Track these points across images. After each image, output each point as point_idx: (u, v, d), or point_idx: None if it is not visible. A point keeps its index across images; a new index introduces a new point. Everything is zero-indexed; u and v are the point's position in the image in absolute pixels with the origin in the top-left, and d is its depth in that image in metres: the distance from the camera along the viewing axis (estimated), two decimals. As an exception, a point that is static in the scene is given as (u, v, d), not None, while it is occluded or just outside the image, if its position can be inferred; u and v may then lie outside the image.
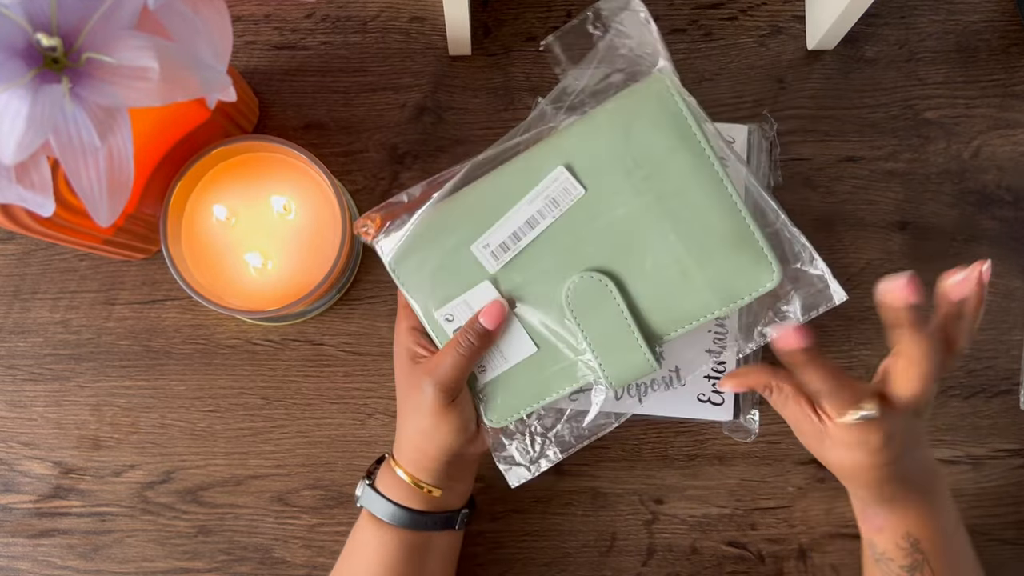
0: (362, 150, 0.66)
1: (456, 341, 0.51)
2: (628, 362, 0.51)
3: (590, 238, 0.51)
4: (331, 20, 0.67)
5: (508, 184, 0.53)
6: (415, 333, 0.54)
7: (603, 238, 0.51)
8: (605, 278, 0.51)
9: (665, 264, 0.51)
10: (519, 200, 0.52)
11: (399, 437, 0.55)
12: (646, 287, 0.51)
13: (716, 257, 0.50)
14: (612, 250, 0.51)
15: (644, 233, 0.51)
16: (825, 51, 0.67)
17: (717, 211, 0.50)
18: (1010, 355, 0.65)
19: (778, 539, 0.63)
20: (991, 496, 0.63)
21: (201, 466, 0.63)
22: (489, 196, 0.53)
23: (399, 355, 0.54)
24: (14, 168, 0.40)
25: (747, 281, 0.50)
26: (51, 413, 0.63)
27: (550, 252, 0.52)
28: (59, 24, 0.38)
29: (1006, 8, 0.68)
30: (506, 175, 0.53)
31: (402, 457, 0.54)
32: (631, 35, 0.55)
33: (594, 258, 0.51)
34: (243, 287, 0.60)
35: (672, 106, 0.51)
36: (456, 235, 0.53)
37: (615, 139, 0.51)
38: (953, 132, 0.67)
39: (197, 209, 0.60)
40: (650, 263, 0.51)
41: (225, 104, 0.58)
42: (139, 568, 0.62)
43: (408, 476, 0.53)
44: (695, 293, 0.51)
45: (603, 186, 0.51)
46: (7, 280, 0.64)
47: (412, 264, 0.54)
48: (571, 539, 0.63)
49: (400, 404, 0.54)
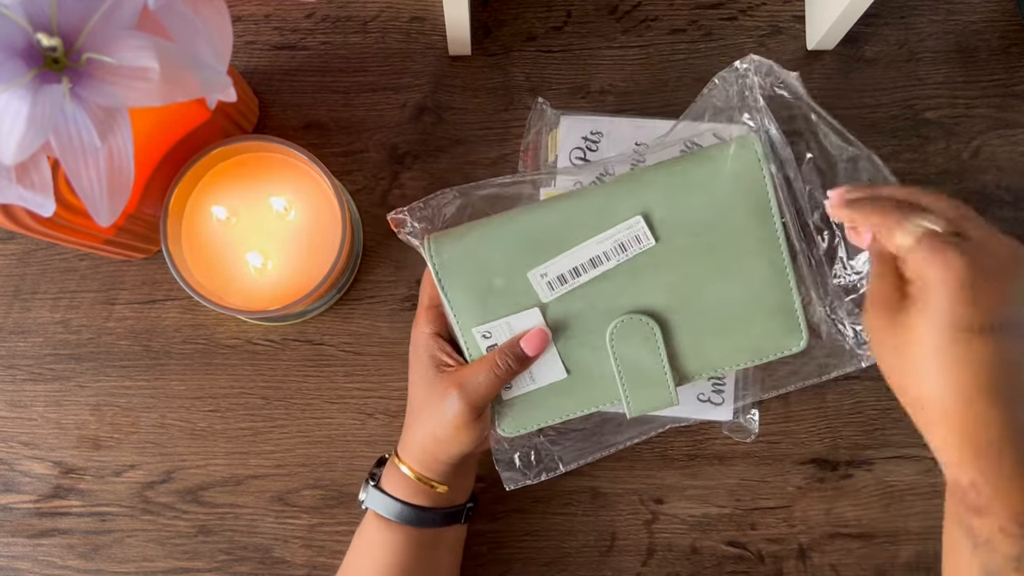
0: (362, 150, 0.66)
1: (494, 362, 0.51)
2: (653, 397, 0.54)
3: (647, 284, 0.53)
4: (331, 20, 0.67)
5: (581, 218, 0.53)
6: (439, 340, 0.53)
7: (659, 287, 0.53)
8: (652, 322, 0.53)
9: (710, 320, 0.53)
10: (588, 238, 0.52)
11: (408, 438, 0.54)
12: (687, 336, 0.53)
13: (757, 321, 0.53)
14: (665, 298, 0.53)
15: (699, 289, 0.53)
16: (825, 51, 0.67)
17: (772, 285, 0.53)
18: (1010, 355, 0.65)
19: (778, 539, 0.63)
20: (991, 496, 0.63)
21: (201, 466, 0.63)
22: (558, 225, 0.53)
23: (420, 360, 0.53)
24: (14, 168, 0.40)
25: (777, 343, 0.54)
26: (51, 413, 0.63)
27: (605, 291, 0.53)
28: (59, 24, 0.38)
29: (1006, 8, 0.68)
30: (581, 209, 0.53)
31: (409, 456, 0.54)
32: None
33: (645, 301, 0.53)
34: (243, 287, 0.60)
35: (758, 176, 0.52)
36: (516, 258, 0.53)
37: (698, 200, 0.52)
38: (953, 132, 0.67)
39: (197, 209, 0.60)
40: (696, 316, 0.53)
41: (225, 104, 0.58)
42: (139, 568, 0.62)
43: (414, 474, 0.53)
44: (730, 348, 0.54)
45: (674, 241, 0.52)
46: (7, 280, 0.64)
47: (462, 276, 0.53)
48: (571, 539, 0.63)
49: (416, 408, 0.53)
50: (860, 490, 0.63)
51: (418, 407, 0.53)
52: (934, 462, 0.63)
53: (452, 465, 0.53)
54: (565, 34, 0.67)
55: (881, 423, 0.64)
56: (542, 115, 0.64)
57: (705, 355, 0.54)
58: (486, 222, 0.54)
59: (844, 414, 0.64)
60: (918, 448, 0.64)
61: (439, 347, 0.53)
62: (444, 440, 0.52)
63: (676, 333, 0.53)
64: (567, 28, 0.68)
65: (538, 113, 0.64)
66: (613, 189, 0.53)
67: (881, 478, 0.63)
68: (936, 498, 0.63)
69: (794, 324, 0.53)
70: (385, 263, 0.65)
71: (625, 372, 0.53)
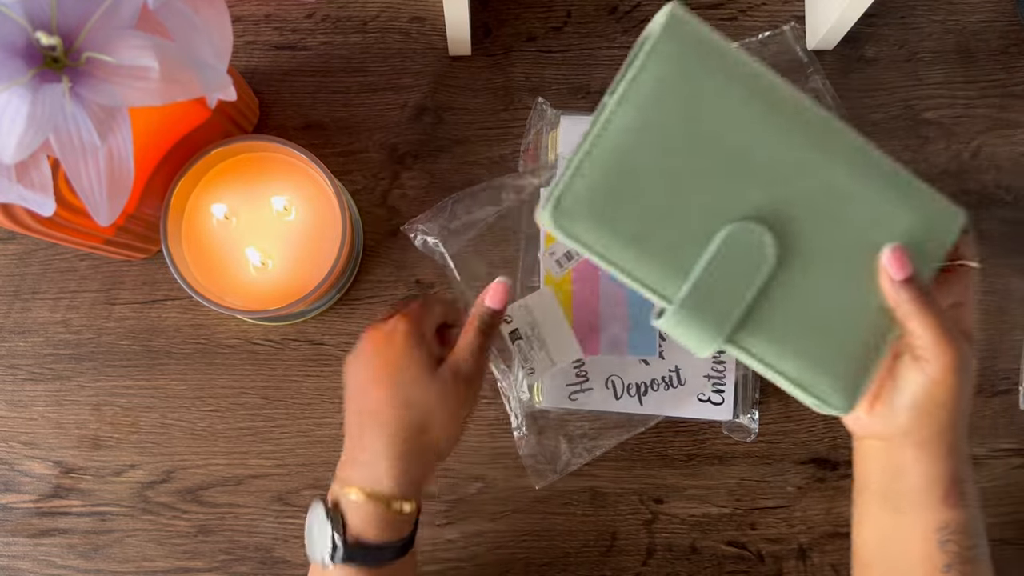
0: (362, 150, 0.66)
1: (471, 325, 0.50)
2: (697, 331, 0.45)
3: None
4: (331, 20, 0.67)
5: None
6: (424, 337, 0.50)
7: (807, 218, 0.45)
8: (771, 247, 0.45)
9: (814, 307, 0.45)
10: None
11: (367, 454, 0.48)
12: (786, 303, 0.45)
13: (832, 352, 0.46)
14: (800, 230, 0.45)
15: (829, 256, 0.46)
16: (825, 51, 0.67)
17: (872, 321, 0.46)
18: (1010, 355, 0.65)
19: (778, 539, 0.63)
20: (991, 496, 0.63)
21: (201, 466, 0.63)
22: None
23: (416, 362, 0.49)
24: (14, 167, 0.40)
25: (821, 391, 0.46)
26: (51, 413, 0.63)
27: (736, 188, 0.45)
28: (59, 23, 0.38)
29: (1006, 8, 0.68)
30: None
31: (370, 474, 0.48)
32: None
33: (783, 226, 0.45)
34: (243, 287, 0.60)
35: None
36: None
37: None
38: (953, 132, 0.67)
39: (197, 209, 0.60)
40: (807, 284, 0.45)
41: (225, 104, 0.58)
42: (139, 568, 0.62)
43: (381, 496, 0.47)
44: (799, 350, 0.46)
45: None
46: (7, 280, 0.64)
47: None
48: (571, 539, 0.63)
49: (420, 420, 0.48)
50: (860, 490, 0.63)
51: (426, 416, 0.48)
52: (934, 462, 0.63)
53: (434, 466, 0.50)
54: (565, 34, 0.67)
55: (881, 423, 0.64)
56: (542, 115, 0.64)
57: (778, 336, 0.45)
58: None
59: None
60: (918, 448, 0.64)
61: (430, 342, 0.50)
62: (452, 435, 0.50)
63: (779, 288, 0.45)
64: (567, 28, 0.68)
65: (538, 113, 0.64)
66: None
67: (881, 478, 0.63)
68: (936, 498, 0.63)
69: (851, 384, 0.45)
70: (385, 263, 0.65)
71: (704, 278, 0.44)
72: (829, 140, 0.45)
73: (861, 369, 0.46)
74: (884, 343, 0.46)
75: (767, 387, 0.63)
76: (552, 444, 0.62)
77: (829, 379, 0.45)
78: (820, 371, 0.45)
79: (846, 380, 0.46)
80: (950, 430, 0.46)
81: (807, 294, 0.45)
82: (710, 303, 0.44)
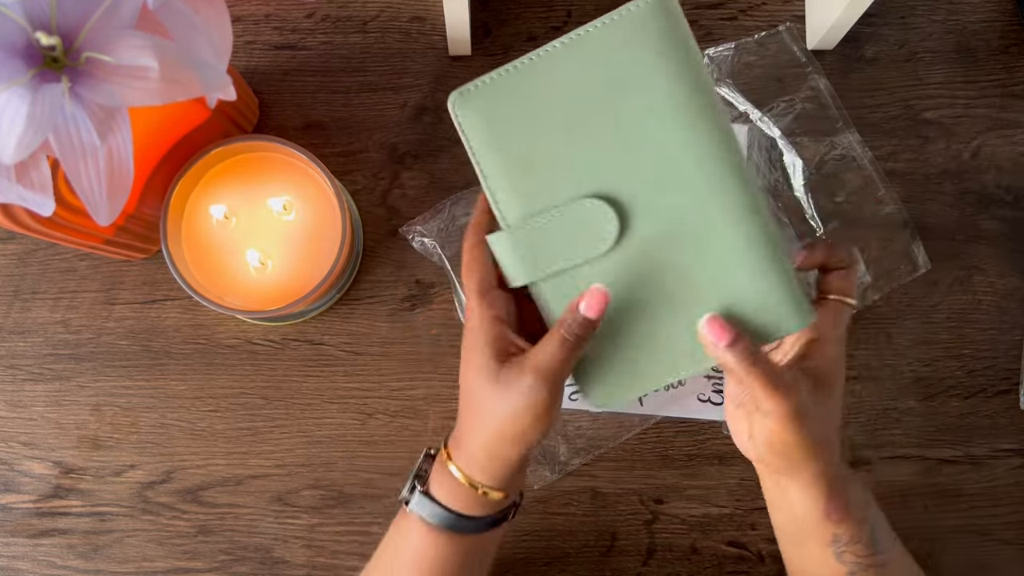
0: (362, 150, 0.66)
1: (561, 336, 0.46)
2: (513, 261, 0.48)
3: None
4: (331, 20, 0.67)
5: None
6: (501, 325, 0.47)
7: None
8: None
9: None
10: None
11: (466, 441, 0.49)
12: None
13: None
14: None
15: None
16: (825, 51, 0.67)
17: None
18: (1010, 355, 0.65)
19: (778, 539, 0.63)
20: (991, 496, 0.63)
21: (201, 466, 0.63)
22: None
23: (479, 350, 0.47)
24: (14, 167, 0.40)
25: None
26: (51, 413, 0.63)
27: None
28: (59, 23, 0.38)
29: (1006, 8, 0.68)
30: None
31: (466, 460, 0.49)
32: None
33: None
34: (243, 287, 0.60)
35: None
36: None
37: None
38: (953, 132, 0.67)
39: (197, 209, 0.60)
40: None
41: (225, 104, 0.58)
42: (139, 568, 0.62)
43: (468, 480, 0.48)
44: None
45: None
46: (7, 280, 0.64)
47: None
48: (571, 539, 0.63)
49: (477, 407, 0.48)
50: (860, 490, 0.63)
51: (480, 405, 0.48)
52: (934, 462, 0.63)
53: (517, 465, 0.48)
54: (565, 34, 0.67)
55: (881, 423, 0.64)
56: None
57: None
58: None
59: (844, 414, 0.64)
60: (918, 448, 0.64)
61: (502, 333, 0.47)
62: (516, 437, 0.47)
63: (600, 275, 0.47)
64: (567, 28, 0.67)
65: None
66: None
67: (881, 478, 0.63)
68: (936, 498, 0.63)
69: (618, 391, 0.48)
70: (385, 263, 0.65)
71: (541, 222, 0.47)
72: (730, 183, 0.45)
73: (633, 385, 0.48)
74: (675, 370, 0.47)
75: (767, 387, 0.63)
76: (551, 444, 0.62)
77: (598, 382, 0.48)
78: (589, 365, 0.48)
79: (614, 386, 0.48)
80: (810, 461, 0.47)
81: (618, 293, 0.47)
82: (531, 246, 0.47)
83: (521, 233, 0.47)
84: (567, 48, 0.47)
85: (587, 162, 0.46)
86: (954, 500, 0.63)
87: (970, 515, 0.63)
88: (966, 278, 0.65)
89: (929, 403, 0.64)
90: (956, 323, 0.65)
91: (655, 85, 0.45)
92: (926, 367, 0.64)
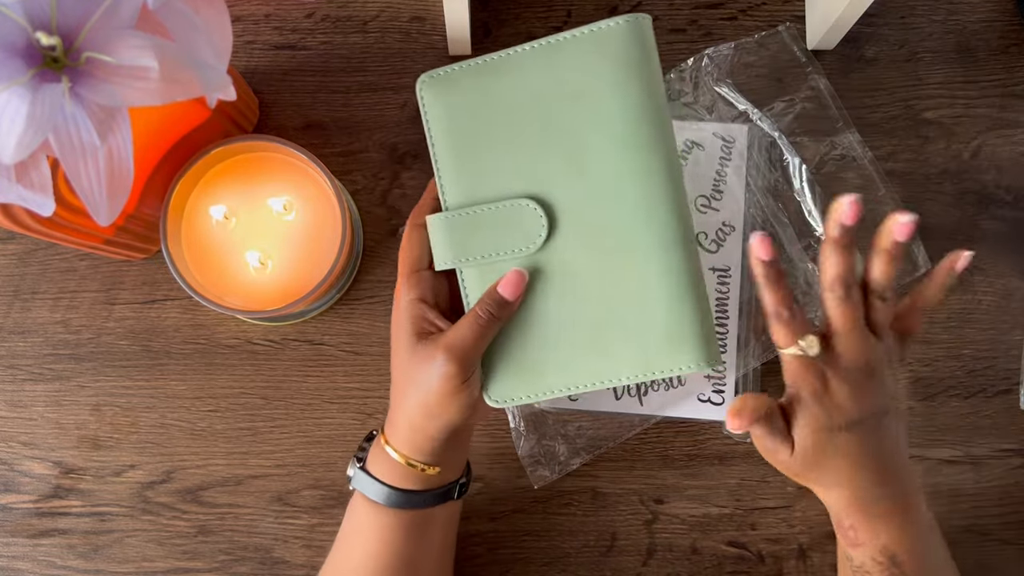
0: (362, 150, 0.66)
1: (475, 313, 0.48)
2: (443, 243, 0.50)
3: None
4: (331, 20, 0.67)
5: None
6: (423, 305, 0.50)
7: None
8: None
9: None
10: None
11: (394, 416, 0.52)
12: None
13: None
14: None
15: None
16: (825, 51, 0.67)
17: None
18: (1010, 355, 0.65)
19: (778, 539, 0.63)
20: (991, 496, 0.63)
21: (201, 466, 0.63)
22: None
23: (402, 328, 0.50)
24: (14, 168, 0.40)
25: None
26: (51, 413, 0.63)
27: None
28: (59, 23, 0.38)
29: (1006, 8, 0.68)
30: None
31: (396, 436, 0.51)
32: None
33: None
34: (243, 287, 0.60)
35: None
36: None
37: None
38: (953, 132, 0.67)
39: (197, 209, 0.60)
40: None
41: (225, 104, 0.58)
42: (139, 568, 0.62)
43: (402, 457, 0.51)
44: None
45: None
46: (7, 280, 0.64)
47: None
48: (571, 539, 0.63)
49: (400, 381, 0.51)
50: (860, 490, 0.63)
51: (401, 380, 0.50)
52: (934, 462, 0.63)
53: (443, 441, 0.50)
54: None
55: (881, 423, 0.64)
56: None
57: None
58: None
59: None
60: (918, 448, 0.64)
61: (422, 313, 0.50)
62: (433, 412, 0.49)
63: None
64: (567, 28, 0.67)
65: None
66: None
67: (881, 478, 0.63)
68: (936, 498, 0.63)
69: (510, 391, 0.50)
70: (385, 263, 0.65)
71: (477, 212, 0.49)
72: (662, 212, 0.47)
73: (534, 388, 0.49)
74: (577, 382, 0.49)
75: (767, 388, 0.63)
76: (551, 444, 0.62)
77: (501, 379, 0.50)
78: (496, 361, 0.50)
79: (515, 387, 0.49)
80: (831, 489, 0.50)
81: (535, 296, 0.49)
82: (464, 231, 0.49)
83: (457, 218, 0.49)
84: (537, 52, 0.48)
85: (532, 165, 0.48)
86: (954, 500, 0.63)
87: (970, 515, 0.63)
88: (966, 278, 0.65)
89: (929, 403, 0.64)
90: (956, 323, 0.65)
91: (610, 106, 0.47)
92: (926, 367, 0.64)
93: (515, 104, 0.48)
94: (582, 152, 0.47)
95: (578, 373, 0.49)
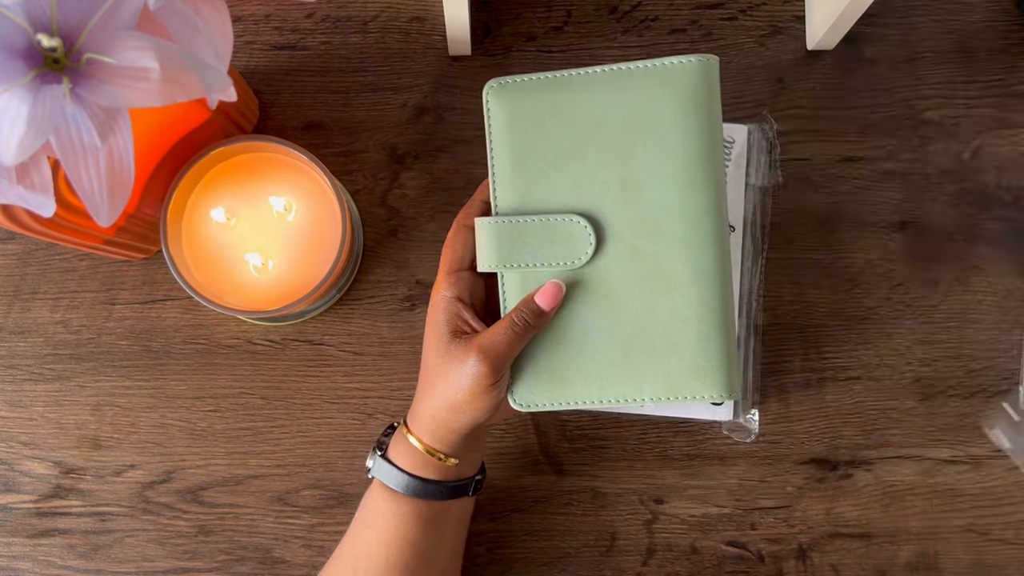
0: (362, 150, 0.66)
1: (511, 319, 0.49)
2: (489, 246, 0.51)
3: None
4: (331, 20, 0.67)
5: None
6: (460, 304, 0.51)
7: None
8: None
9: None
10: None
11: (419, 408, 0.52)
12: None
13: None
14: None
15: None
16: (825, 51, 0.67)
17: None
18: (1010, 355, 0.65)
19: (778, 539, 0.63)
20: (991, 496, 0.63)
21: (201, 466, 0.63)
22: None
23: (437, 324, 0.51)
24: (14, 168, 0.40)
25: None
26: (51, 413, 0.63)
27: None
28: (59, 25, 0.38)
29: (1006, 8, 0.68)
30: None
31: (419, 426, 0.52)
32: None
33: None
34: (243, 287, 0.60)
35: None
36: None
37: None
38: (953, 132, 0.67)
39: (197, 209, 0.60)
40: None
41: (225, 104, 0.58)
42: (139, 568, 0.62)
43: (423, 446, 0.52)
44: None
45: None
46: (7, 280, 0.64)
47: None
48: (571, 539, 0.63)
49: (429, 376, 0.51)
50: (860, 490, 0.63)
51: (432, 375, 0.51)
52: (934, 462, 0.63)
53: (464, 436, 0.52)
54: (565, 34, 0.67)
55: (881, 423, 0.64)
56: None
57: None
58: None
59: (844, 414, 0.64)
60: (918, 448, 0.64)
61: (459, 312, 0.51)
62: (459, 409, 0.50)
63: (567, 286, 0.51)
64: (567, 28, 0.68)
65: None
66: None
67: (881, 478, 0.63)
68: (936, 498, 0.63)
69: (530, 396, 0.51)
70: (385, 263, 0.65)
71: (529, 221, 0.50)
72: (705, 249, 0.49)
73: (559, 397, 0.51)
74: (603, 397, 0.50)
75: (767, 388, 0.64)
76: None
77: (527, 382, 0.51)
78: (525, 365, 0.50)
79: (540, 392, 0.51)
80: None
81: (572, 308, 0.50)
82: (512, 238, 0.50)
83: (507, 225, 0.50)
84: (607, 76, 0.49)
85: (588, 184, 0.49)
86: (954, 500, 0.63)
87: (970, 515, 0.63)
88: (966, 278, 0.65)
89: (929, 403, 0.64)
90: (956, 323, 0.65)
91: (671, 140, 0.48)
92: (926, 367, 0.65)
93: (579, 122, 0.49)
94: (638, 180, 0.49)
95: (604, 389, 0.50)
